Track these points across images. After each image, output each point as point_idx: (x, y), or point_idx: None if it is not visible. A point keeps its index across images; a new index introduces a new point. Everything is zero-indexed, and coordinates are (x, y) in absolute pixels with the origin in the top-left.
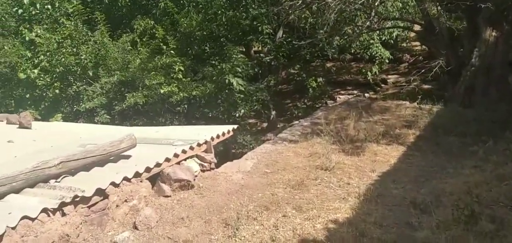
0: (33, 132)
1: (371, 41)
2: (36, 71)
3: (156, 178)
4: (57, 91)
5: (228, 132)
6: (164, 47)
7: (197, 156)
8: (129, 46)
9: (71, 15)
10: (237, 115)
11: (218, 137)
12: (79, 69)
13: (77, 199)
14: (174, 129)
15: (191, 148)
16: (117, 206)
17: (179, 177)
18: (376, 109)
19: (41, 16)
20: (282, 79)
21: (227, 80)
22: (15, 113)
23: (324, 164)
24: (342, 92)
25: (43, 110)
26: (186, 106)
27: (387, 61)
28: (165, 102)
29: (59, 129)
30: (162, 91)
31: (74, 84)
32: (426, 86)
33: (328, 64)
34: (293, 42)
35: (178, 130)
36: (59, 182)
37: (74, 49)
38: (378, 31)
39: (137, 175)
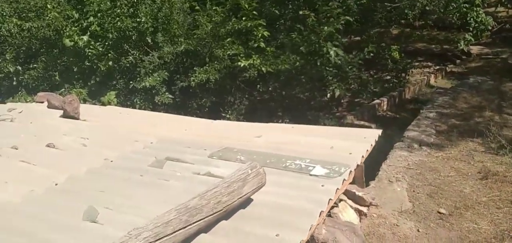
0: (82, 126)
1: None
2: (85, 38)
3: None
4: (110, 63)
5: (376, 139)
6: (246, 6)
7: (346, 193)
8: (188, 5)
9: None
10: (327, 96)
11: (367, 151)
12: (135, 35)
13: None
14: (282, 131)
15: (344, 181)
16: None
17: None
18: None
19: None
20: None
21: (325, 49)
22: (59, 92)
23: None
24: (416, 64)
25: (93, 86)
26: (260, 84)
27: (489, 28)
28: (236, 77)
29: (116, 120)
30: (241, 64)
31: (130, 54)
32: None
33: (395, 31)
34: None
35: (290, 133)
36: None
37: (131, 10)
38: None
39: None
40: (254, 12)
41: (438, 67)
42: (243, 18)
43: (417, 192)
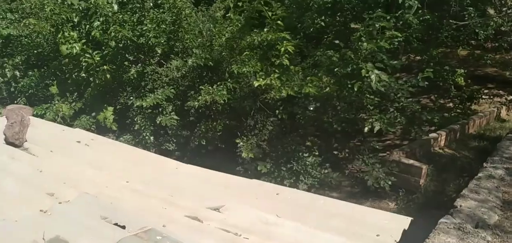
0: (6, 161)
1: None
2: (77, 46)
3: None
4: (108, 76)
5: (397, 240)
6: (269, 14)
7: None
8: (221, 14)
9: None
10: (365, 130)
11: None
12: (147, 44)
13: None
14: (257, 200)
15: None
16: None
17: None
18: None
19: None
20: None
21: (363, 72)
22: (46, 105)
23: None
24: (484, 91)
25: (89, 101)
26: (281, 108)
27: None
28: (257, 98)
29: (59, 155)
30: (255, 84)
31: (131, 67)
32: None
33: (463, 52)
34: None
35: (268, 205)
36: None
37: (136, 16)
38: None
39: None
40: (279, 22)
41: (511, 97)
42: (265, 30)
43: None
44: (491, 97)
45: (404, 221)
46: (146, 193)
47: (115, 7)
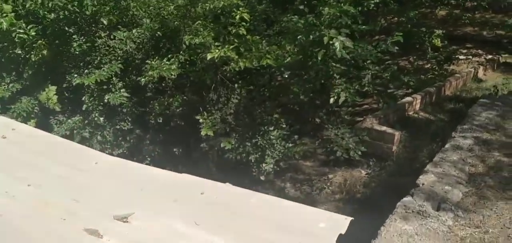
0: None
1: None
2: (5, 20)
3: None
4: (44, 53)
5: None
6: None
7: None
8: None
9: None
10: (330, 101)
11: None
12: (91, 15)
13: None
14: (180, 204)
15: None
16: None
17: None
18: None
19: None
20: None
21: (326, 39)
22: None
23: None
24: (463, 51)
25: (27, 80)
26: (240, 82)
27: None
28: (217, 70)
29: None
30: (209, 56)
31: (75, 40)
32: None
33: (442, 12)
34: None
35: (192, 211)
36: None
37: None
38: None
39: None
40: None
41: (490, 56)
42: None
43: None
44: (470, 57)
45: (341, 223)
46: (47, 199)
47: None
